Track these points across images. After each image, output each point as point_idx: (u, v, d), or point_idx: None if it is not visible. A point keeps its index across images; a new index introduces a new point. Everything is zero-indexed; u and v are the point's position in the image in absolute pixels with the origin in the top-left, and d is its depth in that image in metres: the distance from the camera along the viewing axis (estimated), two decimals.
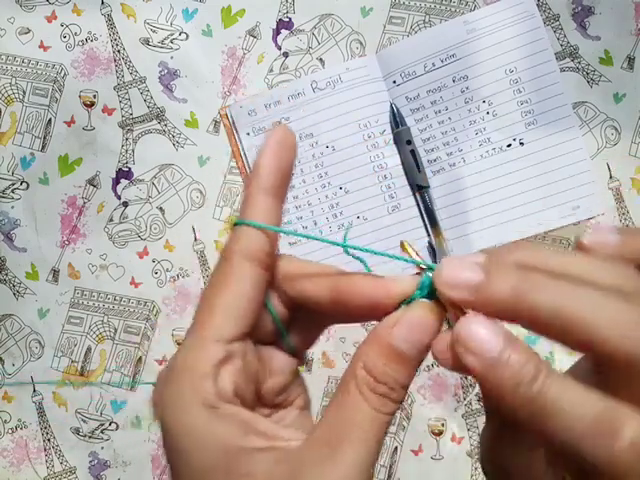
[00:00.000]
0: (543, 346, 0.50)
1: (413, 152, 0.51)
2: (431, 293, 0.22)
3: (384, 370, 0.21)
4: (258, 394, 0.25)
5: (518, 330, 0.20)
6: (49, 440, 0.55)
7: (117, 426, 0.54)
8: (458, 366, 0.20)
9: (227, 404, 0.22)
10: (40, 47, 0.55)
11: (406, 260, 0.24)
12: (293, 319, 0.26)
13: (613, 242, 0.22)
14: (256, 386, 0.24)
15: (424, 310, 0.22)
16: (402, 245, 0.25)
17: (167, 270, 0.54)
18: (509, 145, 0.51)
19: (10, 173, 0.55)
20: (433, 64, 0.51)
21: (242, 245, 0.23)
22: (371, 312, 0.23)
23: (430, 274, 0.23)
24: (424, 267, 0.23)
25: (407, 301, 0.23)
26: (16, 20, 0.55)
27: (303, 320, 0.26)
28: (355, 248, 0.24)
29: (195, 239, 0.54)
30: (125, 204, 0.55)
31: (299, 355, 0.27)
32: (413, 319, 0.22)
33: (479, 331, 0.20)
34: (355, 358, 0.22)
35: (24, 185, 0.55)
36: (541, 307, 0.19)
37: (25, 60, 0.55)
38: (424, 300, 0.23)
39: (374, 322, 0.23)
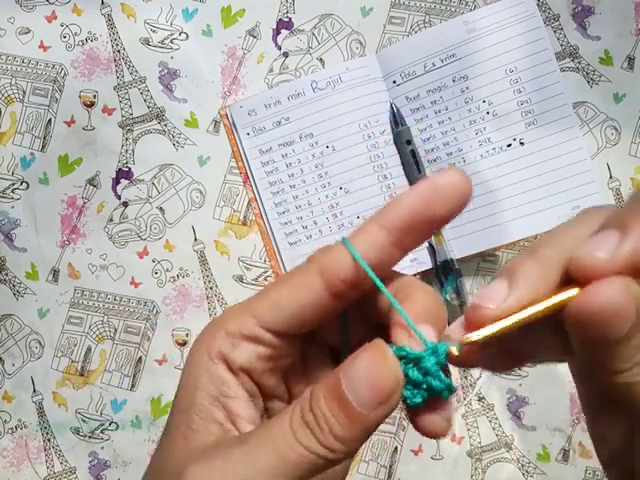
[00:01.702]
0: None
1: (413, 152, 0.51)
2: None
3: (320, 403, 0.20)
4: (289, 392, 0.25)
5: None
6: (49, 440, 0.55)
7: (117, 426, 0.54)
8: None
9: (222, 365, 0.23)
10: (40, 47, 0.55)
11: (421, 338, 0.22)
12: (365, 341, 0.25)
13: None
14: (287, 383, 0.25)
15: (375, 352, 0.20)
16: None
17: (167, 270, 0.54)
18: (509, 145, 0.51)
19: (10, 173, 0.55)
20: (433, 64, 0.51)
21: (325, 260, 0.22)
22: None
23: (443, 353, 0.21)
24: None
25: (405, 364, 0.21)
26: (16, 20, 0.55)
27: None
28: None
29: (195, 239, 0.54)
30: (125, 204, 0.55)
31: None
32: (364, 369, 0.20)
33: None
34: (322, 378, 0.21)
35: (24, 185, 0.55)
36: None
37: (25, 60, 0.55)
38: (378, 342, 0.20)
39: None
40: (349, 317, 0.24)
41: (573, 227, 0.21)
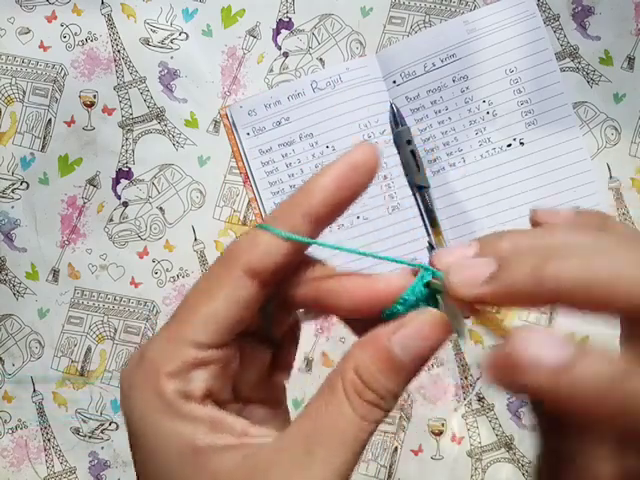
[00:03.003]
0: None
1: (413, 152, 0.51)
2: (427, 295, 0.21)
3: (376, 377, 0.20)
4: (232, 388, 0.24)
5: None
6: (49, 440, 0.55)
7: (117, 426, 0.54)
8: (517, 387, 0.18)
9: (192, 403, 0.21)
10: (40, 47, 0.55)
11: (400, 262, 0.23)
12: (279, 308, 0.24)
13: (568, 217, 0.23)
14: (232, 381, 0.24)
15: (432, 319, 0.21)
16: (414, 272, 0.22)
17: (167, 270, 0.54)
18: (509, 145, 0.51)
19: (10, 173, 0.55)
20: (433, 64, 0.51)
21: (249, 257, 0.21)
22: (356, 313, 0.22)
23: (428, 276, 0.21)
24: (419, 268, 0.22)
25: (400, 303, 0.21)
26: (16, 20, 0.55)
27: (278, 307, 0.24)
28: (355, 252, 0.23)
29: (195, 239, 0.54)
30: (125, 204, 0.55)
31: (280, 348, 0.25)
32: (420, 327, 0.20)
33: (540, 347, 0.17)
34: (346, 357, 0.21)
35: (24, 185, 0.55)
36: (568, 278, 0.17)
37: (25, 60, 0.55)
38: (432, 309, 0.21)
39: None
40: (271, 304, 0.24)
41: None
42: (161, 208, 0.55)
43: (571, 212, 0.23)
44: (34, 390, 0.55)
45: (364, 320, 0.22)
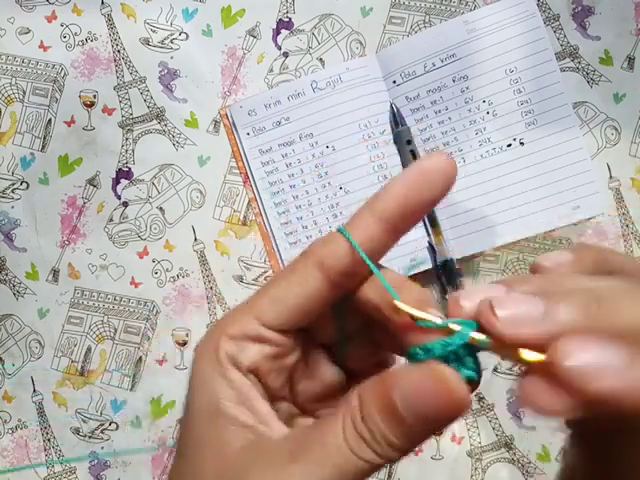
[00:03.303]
0: None
1: (413, 152, 0.51)
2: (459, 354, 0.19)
3: (374, 419, 0.19)
4: (292, 391, 0.25)
5: None
6: (49, 440, 0.55)
7: (117, 426, 0.54)
8: (573, 406, 0.16)
9: (235, 370, 0.22)
10: (40, 47, 0.55)
11: (428, 325, 0.20)
12: (360, 334, 0.25)
13: (569, 259, 0.22)
14: (290, 383, 0.25)
15: (434, 377, 0.19)
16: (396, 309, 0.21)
17: (167, 270, 0.54)
18: (509, 145, 0.51)
19: (10, 173, 0.55)
20: (433, 64, 0.51)
21: (323, 252, 0.22)
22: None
23: (466, 335, 0.19)
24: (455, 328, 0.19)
25: (424, 349, 0.19)
26: (16, 20, 0.55)
27: (368, 338, 0.25)
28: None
29: (195, 239, 0.54)
30: (125, 204, 0.55)
31: (351, 373, 0.26)
32: (416, 383, 0.19)
33: (593, 354, 0.16)
34: (362, 385, 0.20)
35: (24, 185, 0.55)
36: (623, 320, 0.17)
37: (25, 60, 0.55)
38: (438, 364, 0.19)
39: None
40: (343, 309, 0.24)
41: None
42: (161, 208, 0.55)
43: (568, 255, 0.22)
44: (34, 390, 0.55)
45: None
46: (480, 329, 0.19)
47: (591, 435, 0.21)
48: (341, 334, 0.25)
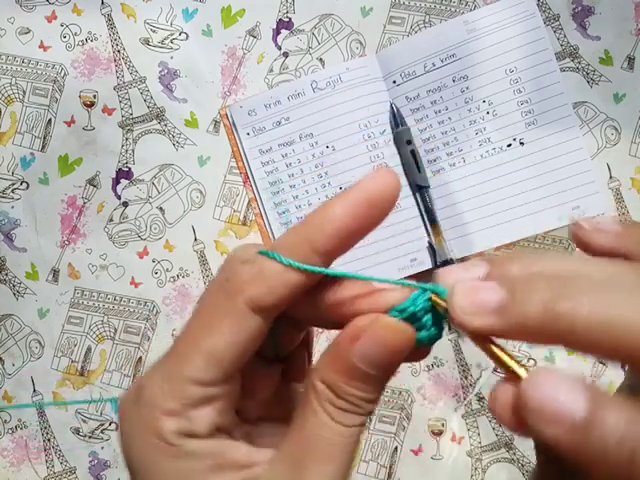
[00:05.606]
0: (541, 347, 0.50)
1: (413, 152, 0.51)
2: (429, 311, 0.20)
3: (343, 388, 0.19)
4: (239, 413, 0.23)
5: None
6: (49, 440, 0.55)
7: (117, 426, 0.54)
8: (527, 432, 0.16)
9: (195, 441, 0.20)
10: (40, 47, 0.55)
11: (405, 284, 0.21)
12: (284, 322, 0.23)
13: (616, 230, 0.20)
14: (237, 408, 0.23)
15: (392, 328, 0.19)
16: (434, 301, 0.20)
17: (167, 270, 0.54)
18: (509, 145, 0.51)
19: (10, 173, 0.55)
20: (433, 64, 0.51)
21: (254, 291, 0.20)
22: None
23: (429, 293, 0.20)
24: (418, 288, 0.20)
25: (398, 310, 0.20)
26: (16, 20, 0.55)
27: (284, 325, 0.23)
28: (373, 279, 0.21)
29: (195, 239, 0.54)
30: (125, 204, 0.55)
31: (291, 359, 0.25)
32: (378, 337, 0.19)
33: (556, 394, 0.16)
34: (314, 369, 0.20)
35: (24, 185, 0.55)
36: (587, 321, 0.16)
37: (25, 60, 0.55)
38: (385, 315, 0.20)
39: None
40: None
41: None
42: (161, 208, 0.55)
43: (616, 227, 0.20)
44: (34, 390, 0.55)
45: None
46: None
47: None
48: (275, 342, 0.24)
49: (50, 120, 0.55)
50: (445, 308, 0.19)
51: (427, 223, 0.51)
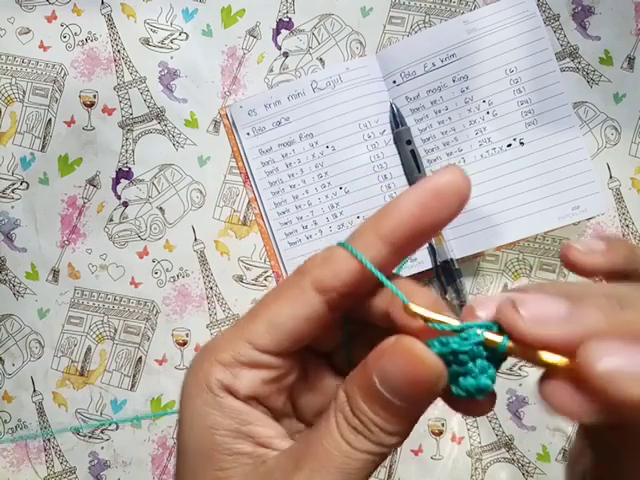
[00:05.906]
0: None
1: (413, 152, 0.51)
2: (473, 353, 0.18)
3: (361, 407, 0.19)
4: (295, 407, 0.24)
5: None
6: (49, 440, 0.55)
7: (117, 426, 0.54)
8: (597, 409, 0.16)
9: (229, 397, 0.21)
10: (40, 47, 0.55)
11: (465, 326, 0.19)
12: (360, 337, 0.24)
13: (602, 248, 0.21)
14: (291, 398, 0.24)
15: (413, 355, 0.18)
16: (407, 309, 0.20)
17: (167, 270, 0.54)
18: (509, 145, 0.51)
19: (10, 173, 0.55)
20: (433, 64, 0.51)
21: (321, 272, 0.21)
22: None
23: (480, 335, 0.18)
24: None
25: (441, 346, 0.18)
26: (16, 20, 0.55)
27: (367, 340, 0.23)
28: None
29: (195, 239, 0.54)
30: (125, 204, 0.55)
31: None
32: (396, 361, 0.18)
33: (624, 359, 0.15)
34: (346, 379, 0.20)
35: (24, 185, 0.55)
36: None
37: (25, 60, 0.55)
38: (430, 344, 0.18)
39: None
40: (349, 320, 0.24)
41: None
42: (161, 208, 0.55)
43: (601, 244, 0.21)
44: (34, 390, 0.55)
45: None
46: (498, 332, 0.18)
47: (604, 436, 0.20)
48: (347, 343, 0.24)
49: (50, 120, 0.55)
50: (499, 343, 0.18)
51: None
